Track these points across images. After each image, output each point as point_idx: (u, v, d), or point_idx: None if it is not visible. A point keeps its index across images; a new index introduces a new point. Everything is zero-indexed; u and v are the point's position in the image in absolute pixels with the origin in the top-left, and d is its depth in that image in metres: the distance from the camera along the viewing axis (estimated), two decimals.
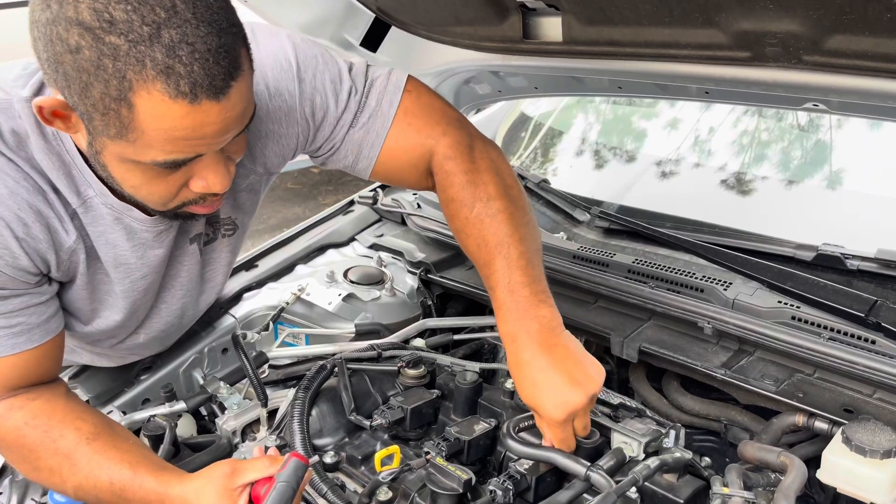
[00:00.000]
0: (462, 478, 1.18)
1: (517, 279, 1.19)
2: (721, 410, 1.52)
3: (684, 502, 1.16)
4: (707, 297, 1.47)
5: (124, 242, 1.23)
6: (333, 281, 1.87)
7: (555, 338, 1.17)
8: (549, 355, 1.15)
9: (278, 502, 1.09)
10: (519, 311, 1.17)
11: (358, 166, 1.35)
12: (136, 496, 1.16)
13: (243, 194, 1.37)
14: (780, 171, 1.97)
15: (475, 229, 1.25)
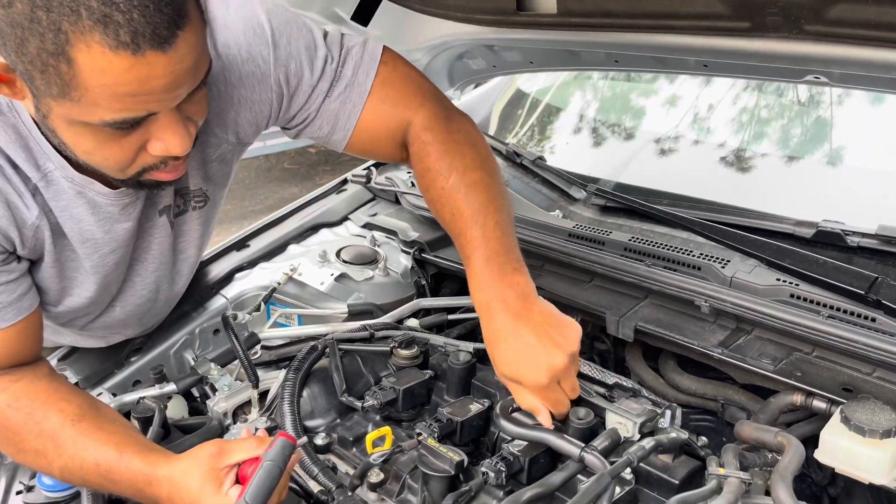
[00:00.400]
0: (454, 459, 1.16)
1: (492, 248, 1.18)
2: (718, 390, 1.50)
3: (680, 483, 1.14)
4: (704, 275, 1.45)
5: (89, 217, 1.20)
6: (326, 261, 1.85)
7: (529, 305, 1.16)
8: (524, 323, 1.14)
9: (264, 481, 1.07)
10: (493, 280, 1.17)
11: (333, 137, 1.32)
12: (123, 477, 1.14)
13: (214, 164, 1.33)
14: (779, 148, 1.93)
15: (451, 199, 1.24)
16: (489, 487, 1.17)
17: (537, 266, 1.69)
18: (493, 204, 1.23)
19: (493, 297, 1.17)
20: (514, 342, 1.14)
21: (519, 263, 1.21)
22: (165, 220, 1.33)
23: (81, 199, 1.18)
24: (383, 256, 1.88)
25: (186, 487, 1.11)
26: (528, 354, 1.14)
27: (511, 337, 1.15)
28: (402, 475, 1.22)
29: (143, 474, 1.14)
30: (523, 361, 1.14)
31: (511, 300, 1.16)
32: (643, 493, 1.17)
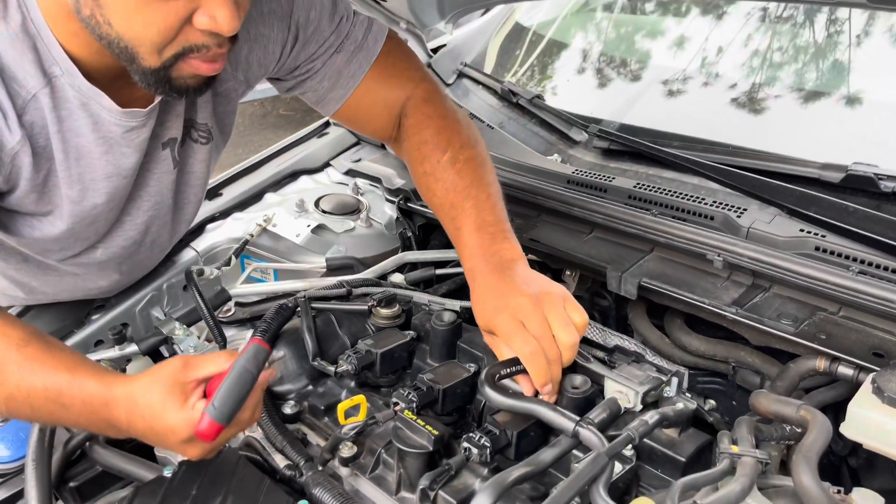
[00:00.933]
0: (432, 434, 1.03)
1: (484, 217, 1.20)
2: (729, 351, 1.37)
3: (687, 460, 1.01)
4: (718, 226, 1.29)
5: (89, 133, 1.12)
6: (303, 210, 1.70)
7: (513, 266, 1.15)
8: (503, 278, 1.13)
9: (234, 387, 0.96)
10: (482, 248, 1.18)
11: (331, 95, 1.34)
12: (76, 401, 1.02)
13: (221, 100, 1.31)
14: (800, 85, 1.75)
15: (446, 173, 1.26)
16: (472, 464, 1.04)
17: (532, 216, 1.54)
18: (485, 179, 1.26)
19: (478, 263, 1.17)
20: (490, 295, 1.12)
21: (510, 234, 1.21)
22: (168, 154, 1.26)
23: (84, 112, 1.10)
24: (366, 206, 1.73)
25: (148, 404, 0.99)
26: (498, 302, 1.10)
27: (489, 291, 1.13)
28: (377, 449, 1.09)
29: (98, 395, 1.02)
30: (493, 309, 1.11)
31: (496, 263, 1.15)
32: (645, 470, 1.04)
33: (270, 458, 1.15)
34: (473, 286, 1.16)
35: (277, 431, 1.17)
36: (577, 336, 1.10)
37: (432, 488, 1.00)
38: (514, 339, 1.07)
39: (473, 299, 1.16)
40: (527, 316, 1.08)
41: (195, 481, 1.08)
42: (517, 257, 1.17)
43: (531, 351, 1.06)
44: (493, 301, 1.12)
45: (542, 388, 1.07)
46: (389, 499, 1.06)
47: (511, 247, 1.18)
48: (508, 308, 1.09)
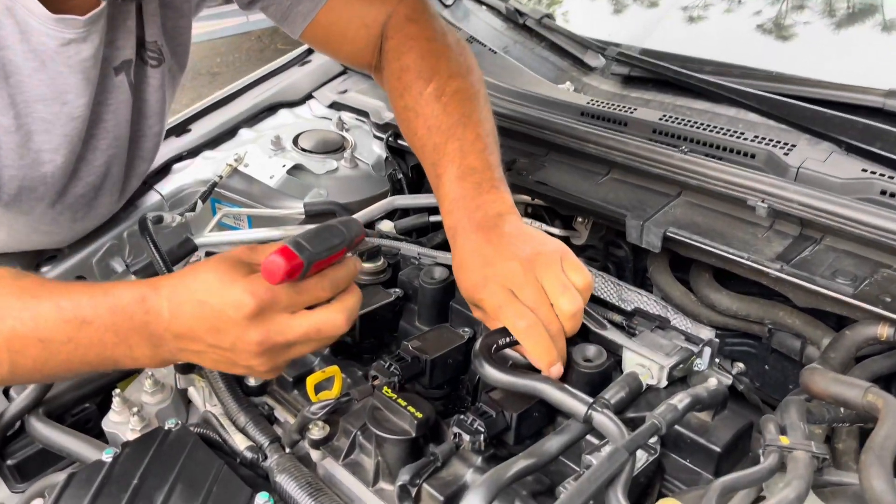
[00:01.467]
0: (415, 418, 0.86)
1: (469, 163, 1.02)
2: (766, 311, 1.18)
3: (722, 451, 0.84)
4: (760, 165, 1.09)
5: (16, 44, 0.98)
6: (280, 148, 1.50)
7: (501, 221, 0.96)
8: (489, 239, 0.94)
9: (322, 231, 0.79)
10: (465, 200, 0.99)
11: (297, 9, 1.15)
12: (101, 310, 0.80)
13: (169, 12, 1.16)
14: (833, 9, 1.52)
15: (429, 107, 1.07)
16: (464, 452, 0.87)
17: (539, 154, 1.34)
18: (475, 116, 1.06)
19: (461, 217, 0.99)
20: (474, 260, 0.94)
21: (499, 182, 1.02)
22: (124, 80, 1.12)
23: (10, 20, 0.96)
24: (351, 144, 1.52)
25: (204, 280, 0.79)
26: (484, 270, 0.92)
27: (472, 256, 0.94)
28: (353, 431, 0.92)
29: (133, 293, 0.81)
30: (478, 278, 0.93)
31: (480, 218, 0.97)
32: (671, 460, 0.87)
33: (230, 437, 0.99)
34: (454, 249, 0.98)
35: (238, 407, 1.01)
36: (581, 301, 0.91)
37: (413, 483, 0.83)
38: (505, 314, 0.89)
39: (455, 266, 0.98)
40: (518, 284, 0.90)
41: (138, 467, 0.92)
42: (505, 210, 0.98)
43: (527, 325, 0.88)
44: (476, 268, 0.93)
45: (548, 368, 0.89)
46: (366, 490, 0.89)
47: (498, 197, 0.99)
48: (495, 276, 0.91)
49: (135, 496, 0.88)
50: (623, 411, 0.89)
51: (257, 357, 0.80)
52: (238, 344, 0.79)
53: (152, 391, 1.11)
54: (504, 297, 0.90)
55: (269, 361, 0.81)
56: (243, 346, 0.79)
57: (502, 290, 0.90)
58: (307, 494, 0.88)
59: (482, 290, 0.92)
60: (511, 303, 0.90)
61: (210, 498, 0.88)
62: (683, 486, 0.85)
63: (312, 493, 0.88)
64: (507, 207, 0.99)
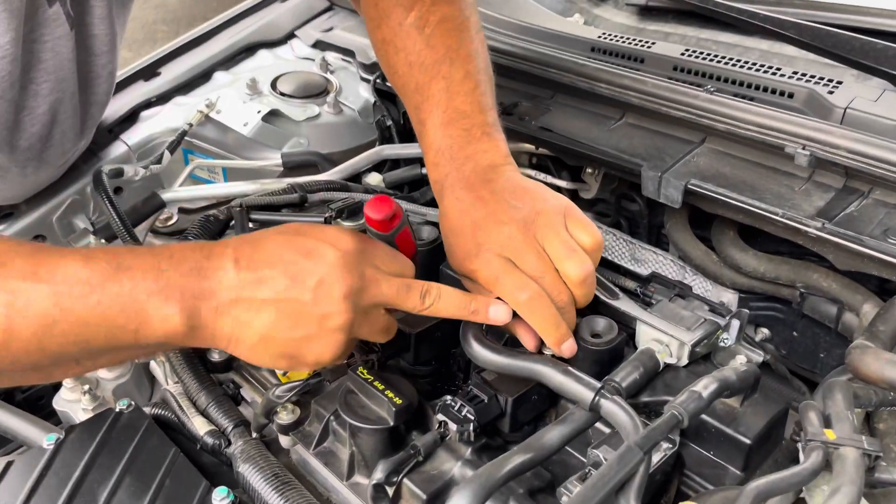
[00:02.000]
0: (393, 404, 0.73)
1: (457, 107, 0.87)
2: (798, 273, 1.05)
3: (753, 443, 0.71)
4: (800, 106, 0.94)
5: None
6: (256, 93, 1.36)
7: (494, 176, 0.82)
8: (480, 197, 0.80)
9: None
10: (452, 150, 0.85)
11: None
12: (146, 268, 0.66)
13: None
14: None
15: (410, 40, 0.92)
16: (451, 442, 0.75)
17: (544, 97, 1.19)
18: (464, 50, 0.91)
19: (448, 171, 0.85)
20: (463, 225, 0.80)
21: (492, 127, 0.88)
22: (59, 11, 0.99)
23: None
24: (336, 87, 1.38)
25: (286, 227, 0.74)
26: (475, 236, 0.78)
27: (461, 219, 0.80)
28: (325, 416, 0.80)
29: (195, 248, 0.70)
30: (469, 246, 0.79)
31: (470, 172, 0.83)
32: (692, 451, 0.75)
33: (189, 421, 0.87)
34: (442, 210, 0.84)
35: (200, 385, 0.89)
36: (591, 264, 0.77)
37: (390, 482, 0.71)
38: (503, 286, 0.76)
39: (443, 231, 0.83)
40: (516, 251, 0.76)
41: (81, 456, 0.81)
42: (499, 161, 0.84)
43: (530, 297, 0.75)
44: (467, 235, 0.79)
45: (558, 345, 0.76)
46: (339, 483, 0.78)
47: (492, 146, 0.85)
48: (489, 243, 0.77)
49: (75, 491, 0.77)
50: (637, 395, 0.77)
51: (338, 314, 0.68)
52: (324, 287, 0.67)
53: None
54: (501, 267, 0.76)
55: (345, 325, 0.69)
56: (328, 290, 0.67)
57: (498, 259, 0.77)
58: (273, 489, 0.77)
59: (475, 260, 0.78)
60: (509, 273, 0.76)
61: (161, 493, 0.77)
62: (706, 482, 0.73)
63: (279, 486, 0.77)
64: (501, 157, 0.85)
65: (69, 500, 0.76)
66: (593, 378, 0.72)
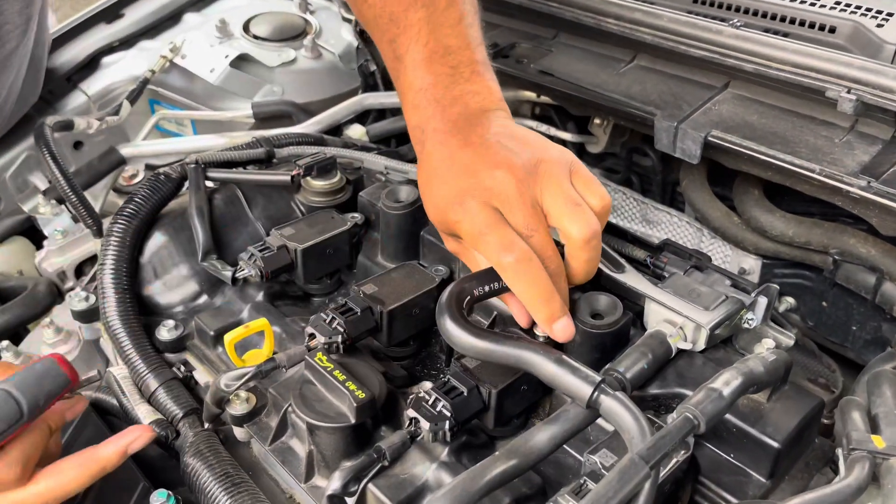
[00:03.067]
0: (355, 398, 0.62)
1: (440, 39, 0.74)
2: (831, 237, 0.93)
3: (782, 446, 0.60)
4: (844, 43, 0.80)
5: None
6: (226, 35, 1.22)
7: (483, 120, 0.71)
8: (465, 144, 0.69)
9: None
10: (436, 90, 0.73)
11: None
12: None
13: None
14: None
15: None
16: (425, 442, 0.64)
17: (545, 37, 1.05)
18: None
19: (431, 114, 0.73)
20: (448, 170, 0.69)
21: (482, 66, 0.76)
22: None
23: None
24: (315, 28, 1.24)
25: None
26: (460, 182, 0.68)
27: (445, 166, 0.69)
28: (283, 407, 0.69)
29: None
30: (453, 194, 0.68)
31: (457, 116, 0.71)
32: (707, 453, 0.63)
33: (133, 408, 0.76)
34: (421, 158, 0.73)
35: (146, 367, 0.78)
36: (597, 223, 0.65)
37: (349, 492, 0.60)
38: (486, 243, 0.64)
39: (421, 180, 0.73)
40: (507, 200, 0.65)
41: None
42: (491, 105, 0.73)
43: (516, 260, 0.63)
44: (450, 179, 0.68)
45: (549, 324, 0.64)
46: (297, 485, 0.68)
47: (482, 87, 0.74)
48: (476, 189, 0.66)
49: None
50: (644, 387, 0.65)
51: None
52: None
53: (53, 342, 0.90)
54: (486, 219, 0.65)
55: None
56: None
57: (484, 210, 0.65)
58: (223, 489, 0.67)
59: (457, 209, 0.66)
60: (496, 227, 0.64)
61: (89, 495, 0.67)
62: (724, 491, 0.62)
63: (229, 488, 0.67)
64: (494, 101, 0.73)
65: None
66: (593, 367, 0.60)
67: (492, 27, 1.10)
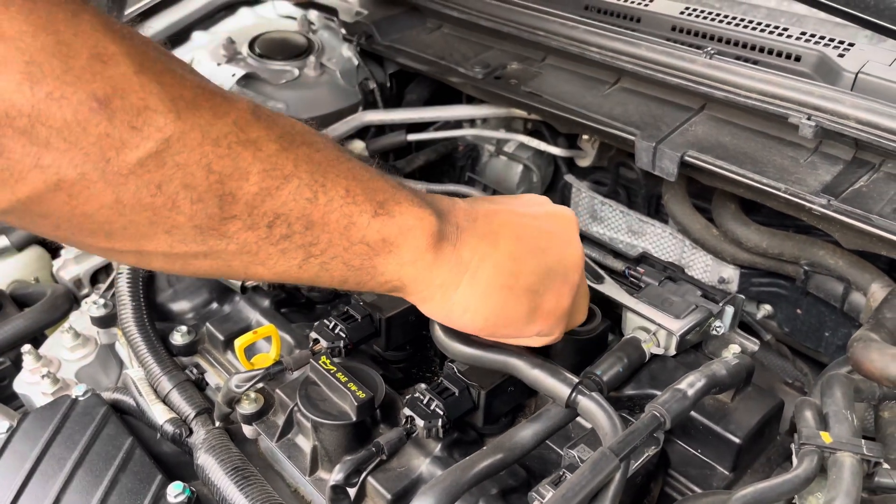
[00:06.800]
0: (356, 398, 0.68)
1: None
2: (802, 249, 0.98)
3: (743, 442, 0.66)
4: (808, 71, 0.86)
5: None
6: (233, 54, 1.28)
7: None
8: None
9: None
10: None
11: None
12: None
13: None
14: None
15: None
16: (420, 438, 0.70)
17: (534, 59, 1.11)
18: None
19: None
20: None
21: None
22: None
23: None
24: (318, 47, 1.30)
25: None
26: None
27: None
28: (289, 405, 0.76)
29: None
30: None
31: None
32: (677, 449, 0.70)
33: (149, 408, 0.83)
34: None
35: (161, 370, 0.84)
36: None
37: (350, 482, 0.66)
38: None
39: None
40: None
41: (32, 447, 0.77)
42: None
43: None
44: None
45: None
46: (302, 478, 0.74)
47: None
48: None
49: (24, 486, 0.73)
50: (621, 388, 0.72)
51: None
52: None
53: (72, 346, 0.95)
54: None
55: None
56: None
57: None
58: (232, 483, 0.73)
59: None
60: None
61: (114, 488, 0.73)
62: (692, 483, 0.68)
63: (238, 481, 0.73)
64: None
65: (17, 496, 0.72)
66: (574, 369, 0.66)
67: (484, 49, 1.16)
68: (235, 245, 0.49)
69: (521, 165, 1.25)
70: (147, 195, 0.44)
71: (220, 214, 0.47)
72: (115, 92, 0.42)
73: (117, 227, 0.45)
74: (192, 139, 0.44)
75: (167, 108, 0.44)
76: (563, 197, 1.29)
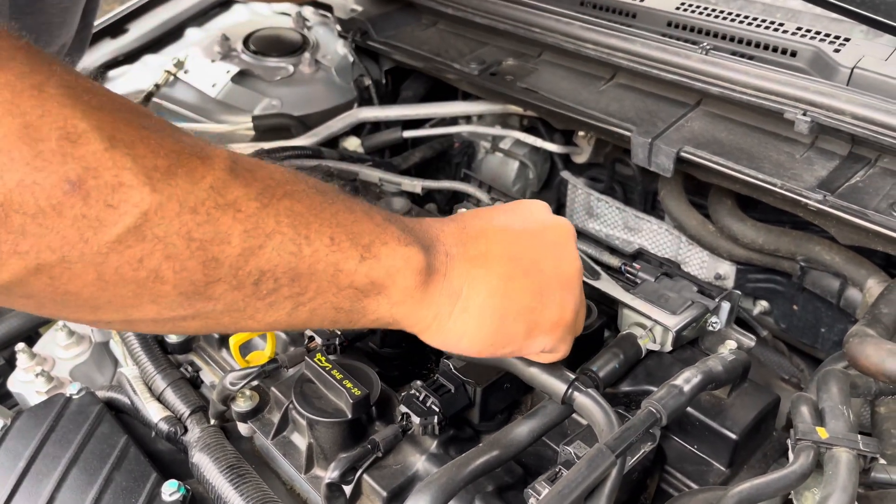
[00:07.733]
0: (351, 395, 0.68)
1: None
2: (799, 245, 0.98)
3: (739, 438, 0.66)
4: (804, 66, 0.86)
5: None
6: (227, 51, 1.27)
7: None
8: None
9: None
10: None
11: None
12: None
13: None
14: None
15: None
16: (416, 435, 0.70)
17: (530, 55, 1.11)
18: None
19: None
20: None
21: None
22: None
23: None
24: (312, 43, 1.29)
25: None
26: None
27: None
28: (284, 403, 0.75)
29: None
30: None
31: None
32: (674, 445, 0.70)
33: (144, 406, 0.82)
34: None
35: (155, 368, 0.84)
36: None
37: (346, 480, 0.66)
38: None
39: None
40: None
41: (26, 446, 0.76)
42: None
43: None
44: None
45: None
46: (297, 476, 0.73)
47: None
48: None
49: (18, 484, 0.73)
50: (617, 384, 0.71)
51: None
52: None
53: (66, 344, 0.95)
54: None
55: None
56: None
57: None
58: (228, 481, 0.72)
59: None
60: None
61: (108, 486, 0.73)
62: (688, 479, 0.68)
63: (234, 479, 0.72)
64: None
65: (11, 495, 0.72)
66: (570, 365, 0.66)
67: (480, 45, 1.16)
68: (223, 304, 0.49)
69: (517, 162, 1.25)
70: (129, 270, 0.44)
71: (204, 280, 0.47)
72: (87, 172, 0.41)
73: (102, 301, 0.45)
74: (169, 210, 0.44)
75: (141, 182, 0.43)
76: (559, 193, 1.29)
